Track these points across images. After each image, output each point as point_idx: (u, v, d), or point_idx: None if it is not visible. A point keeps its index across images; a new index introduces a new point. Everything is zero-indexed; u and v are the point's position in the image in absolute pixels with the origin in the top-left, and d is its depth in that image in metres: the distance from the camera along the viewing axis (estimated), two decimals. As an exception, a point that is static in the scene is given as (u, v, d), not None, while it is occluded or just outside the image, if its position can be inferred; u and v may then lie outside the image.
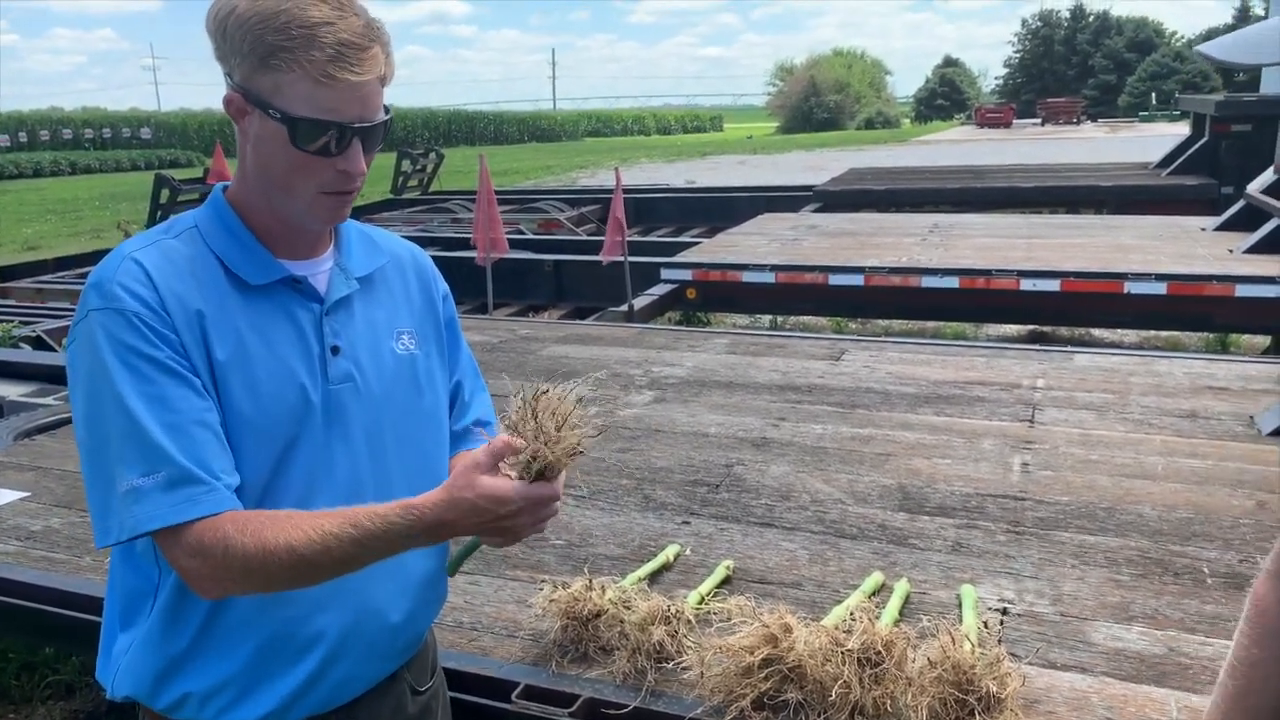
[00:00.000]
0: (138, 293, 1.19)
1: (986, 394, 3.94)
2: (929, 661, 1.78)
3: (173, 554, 1.18)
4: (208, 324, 1.23)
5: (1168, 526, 2.67)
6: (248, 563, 1.16)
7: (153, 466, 1.15)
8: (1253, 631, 1.15)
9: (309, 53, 1.16)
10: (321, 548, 1.16)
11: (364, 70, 1.19)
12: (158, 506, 1.15)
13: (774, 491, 2.99)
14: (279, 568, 1.16)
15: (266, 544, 1.16)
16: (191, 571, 1.18)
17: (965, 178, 14.53)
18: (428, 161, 16.94)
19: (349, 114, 1.20)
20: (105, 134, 47.61)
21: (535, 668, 2.02)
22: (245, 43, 1.17)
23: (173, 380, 1.18)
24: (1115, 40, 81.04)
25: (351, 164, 1.24)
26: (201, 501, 1.16)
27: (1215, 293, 6.54)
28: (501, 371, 4.43)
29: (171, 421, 1.16)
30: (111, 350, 1.18)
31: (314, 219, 1.29)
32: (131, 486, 1.15)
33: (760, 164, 34.24)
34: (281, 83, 1.17)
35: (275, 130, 1.20)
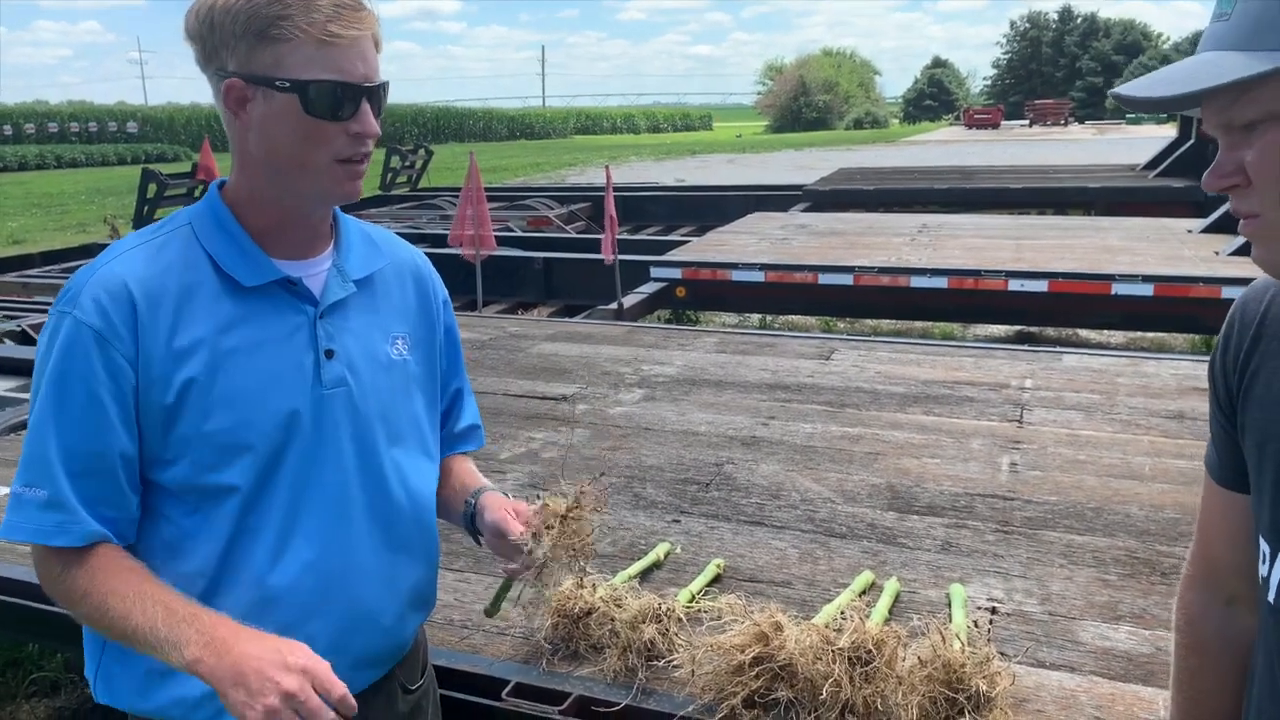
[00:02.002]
0: (105, 309, 1.19)
1: (975, 394, 3.96)
2: (919, 660, 1.79)
3: (32, 555, 1.24)
4: (187, 334, 1.21)
5: (1155, 527, 2.69)
6: (69, 594, 1.20)
7: (36, 481, 1.19)
8: (1186, 642, 1.16)
9: (309, 15, 1.17)
10: (124, 612, 1.17)
11: (363, 25, 1.21)
12: (29, 521, 1.19)
13: (764, 490, 3.00)
14: (86, 611, 1.20)
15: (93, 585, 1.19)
16: (38, 576, 1.24)
17: (954, 178, 14.60)
18: (416, 158, 16.90)
19: (355, 73, 1.21)
20: (91, 128, 47.36)
21: (526, 665, 2.02)
22: (239, 24, 1.17)
23: (92, 408, 1.19)
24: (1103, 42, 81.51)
25: (364, 125, 1.23)
26: (67, 531, 1.19)
27: (1202, 294, 6.58)
28: (492, 368, 4.43)
29: (68, 447, 1.18)
30: (54, 357, 1.19)
31: (329, 194, 1.27)
32: (16, 492, 1.19)
33: (749, 163, 34.28)
34: (283, 53, 1.18)
35: (284, 103, 1.19)
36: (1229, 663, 1.12)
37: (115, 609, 1.16)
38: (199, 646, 1.13)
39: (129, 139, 47.29)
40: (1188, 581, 1.16)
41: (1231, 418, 1.03)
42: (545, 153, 44.42)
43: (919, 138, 54.36)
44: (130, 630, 1.16)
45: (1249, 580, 1.06)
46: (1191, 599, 1.15)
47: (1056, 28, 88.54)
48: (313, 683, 1.10)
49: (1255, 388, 0.97)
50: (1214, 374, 1.06)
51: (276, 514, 1.27)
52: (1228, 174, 0.88)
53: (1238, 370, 1.00)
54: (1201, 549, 1.14)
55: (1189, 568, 1.16)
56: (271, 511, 1.27)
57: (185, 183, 11.79)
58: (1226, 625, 1.11)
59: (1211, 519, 1.12)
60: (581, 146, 52.24)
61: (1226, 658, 1.12)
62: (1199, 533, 1.14)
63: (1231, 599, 1.10)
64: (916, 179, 14.98)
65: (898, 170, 17.68)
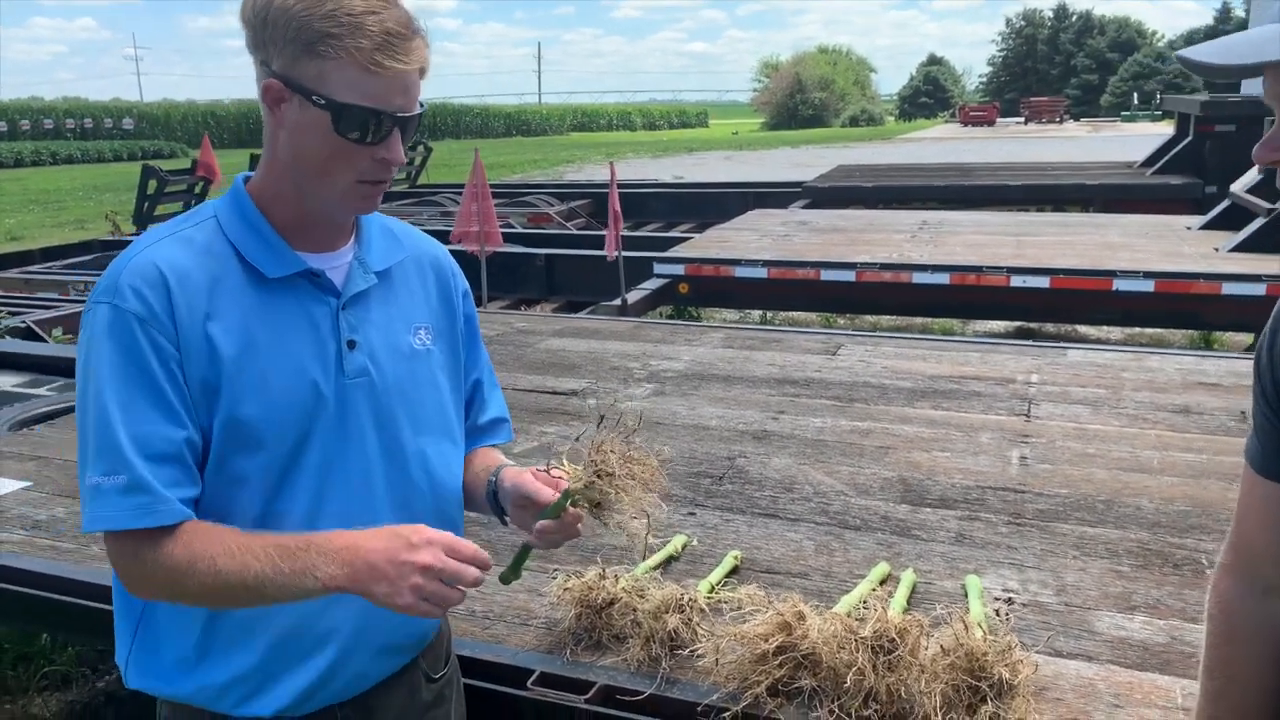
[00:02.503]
0: (144, 295, 1.20)
1: (982, 389, 3.98)
2: (942, 649, 1.81)
3: (110, 550, 1.22)
4: (217, 324, 1.23)
5: (1166, 519, 2.71)
6: (172, 572, 1.19)
7: (114, 469, 1.18)
8: (1220, 630, 1.17)
9: (357, 40, 1.17)
10: (241, 565, 1.17)
11: (409, 60, 1.21)
12: (114, 509, 1.18)
13: (777, 483, 3.02)
14: (198, 581, 1.18)
15: (195, 554, 1.18)
16: (121, 570, 1.23)
17: (953, 176, 14.63)
18: (415, 155, 16.89)
19: (392, 103, 1.21)
20: (87, 124, 47.22)
21: (550, 655, 2.04)
22: (290, 29, 1.18)
23: (152, 392, 1.19)
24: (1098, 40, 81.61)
25: (392, 153, 1.25)
26: (155, 512, 1.18)
27: (1202, 291, 6.62)
28: (500, 364, 4.44)
29: (138, 432, 1.18)
30: (103, 347, 1.20)
31: (346, 208, 1.30)
32: (94, 484, 1.18)
33: (747, 160, 34.30)
34: (326, 69, 1.18)
35: (317, 117, 1.21)
36: (1263, 651, 1.13)
37: (229, 568, 1.17)
38: (327, 565, 1.16)
39: (124, 135, 47.16)
40: (1223, 570, 1.17)
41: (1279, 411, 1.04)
42: (543, 149, 44.39)
43: (915, 135, 54.40)
44: (253, 581, 1.16)
45: None
46: (1227, 588, 1.16)
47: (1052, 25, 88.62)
48: (444, 549, 1.17)
49: None
50: (1260, 368, 1.07)
51: (302, 500, 1.29)
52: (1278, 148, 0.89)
53: None
54: (1239, 538, 1.16)
55: (1225, 556, 1.17)
56: (297, 498, 1.29)
57: (185, 179, 11.80)
58: (1262, 615, 1.13)
59: (1252, 509, 1.13)
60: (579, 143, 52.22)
61: (1260, 646, 1.14)
62: (1237, 523, 1.16)
63: (1269, 589, 1.12)
64: (915, 176, 15.01)
65: (896, 167, 17.70)
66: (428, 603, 1.16)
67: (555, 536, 1.37)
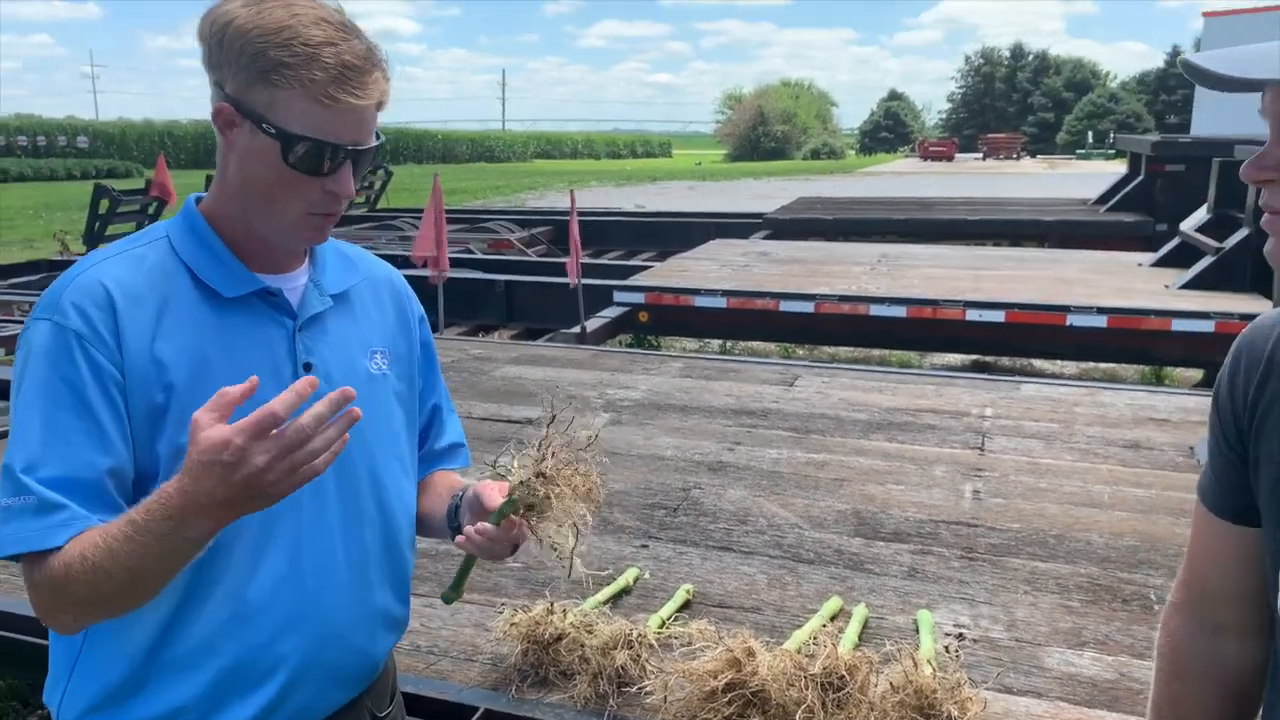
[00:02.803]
0: (88, 313, 1.16)
1: (937, 421, 4.00)
2: (891, 686, 1.79)
3: (26, 581, 1.14)
4: (166, 346, 1.19)
5: (1115, 554, 2.73)
6: (53, 583, 1.11)
7: (20, 490, 1.12)
8: (1169, 668, 1.17)
9: (311, 72, 1.14)
10: (104, 547, 1.10)
11: (365, 94, 1.18)
12: (22, 529, 1.11)
13: (731, 515, 3.00)
14: (81, 583, 1.10)
15: (68, 559, 1.11)
16: (30, 597, 1.14)
17: (912, 209, 14.83)
18: (375, 178, 16.81)
19: (344, 136, 1.18)
20: (40, 142, 46.47)
21: (495, 693, 1.99)
22: (245, 55, 1.15)
23: (83, 415, 1.15)
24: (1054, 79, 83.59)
25: (341, 186, 1.22)
26: (72, 525, 1.12)
27: (1153, 327, 6.73)
28: (455, 391, 4.39)
29: (59, 454, 1.13)
30: (39, 365, 1.15)
31: (294, 239, 1.27)
32: (4, 505, 1.12)
33: (709, 190, 34.56)
34: (278, 99, 1.15)
35: (266, 145, 1.18)
36: (1212, 690, 1.13)
37: (96, 558, 1.09)
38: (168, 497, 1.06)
39: (79, 154, 46.45)
40: (1173, 608, 1.17)
41: (1239, 451, 1.04)
42: (505, 176, 44.42)
43: (875, 169, 55.20)
44: (122, 557, 1.08)
45: (1238, 609, 1.07)
46: (1177, 625, 1.15)
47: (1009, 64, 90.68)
48: None
49: (1268, 424, 0.99)
50: (1219, 408, 1.07)
51: (252, 528, 1.24)
52: (1268, 168, 0.89)
53: (1248, 407, 1.01)
54: (1190, 576, 1.15)
55: (1175, 594, 1.17)
56: (247, 525, 1.24)
57: (139, 199, 11.62)
58: (1211, 653, 1.12)
59: (1203, 547, 1.13)
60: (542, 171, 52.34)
61: (1210, 685, 1.13)
62: (1188, 560, 1.15)
63: (1218, 627, 1.11)
64: (875, 209, 15.20)
65: (856, 200, 17.93)
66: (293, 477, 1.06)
67: (495, 544, 1.30)
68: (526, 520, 1.26)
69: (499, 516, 1.28)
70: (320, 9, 1.18)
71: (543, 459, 1.23)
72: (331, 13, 1.18)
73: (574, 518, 1.24)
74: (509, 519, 1.27)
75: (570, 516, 1.24)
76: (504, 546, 1.31)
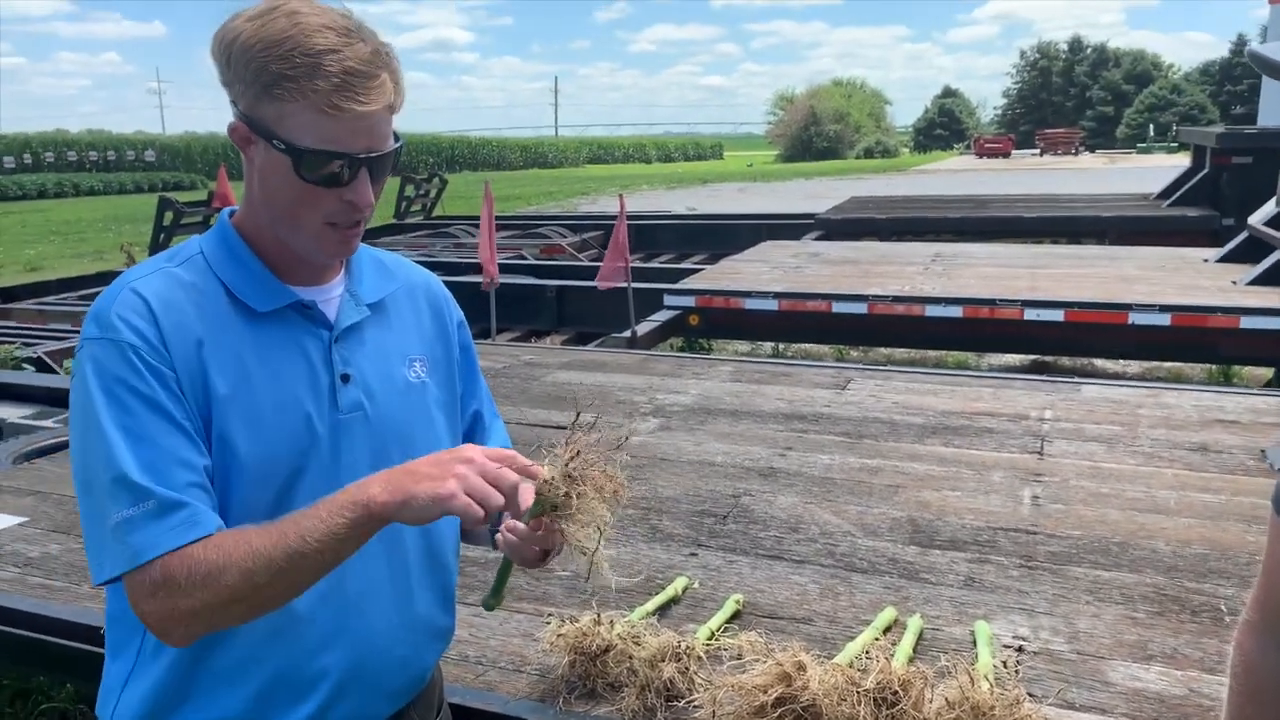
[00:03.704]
0: (135, 325, 1.16)
1: (994, 425, 3.91)
2: (946, 702, 1.74)
3: (137, 590, 1.11)
4: (209, 356, 1.19)
5: (1183, 563, 2.63)
6: (208, 576, 1.10)
7: (139, 498, 1.11)
8: (1243, 689, 1.11)
9: (313, 82, 1.12)
10: (277, 534, 1.11)
11: (370, 100, 1.15)
12: (154, 533, 1.10)
13: (782, 523, 2.95)
14: (238, 569, 1.10)
15: (226, 548, 1.11)
16: (152, 607, 1.12)
17: (967, 207, 14.58)
18: (431, 187, 17.01)
19: (356, 145, 1.17)
20: (109, 156, 47.84)
21: (542, 704, 1.98)
22: (249, 71, 1.14)
23: (159, 417, 1.15)
24: (1113, 72, 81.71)
25: (359, 195, 1.20)
26: (197, 522, 1.12)
27: (1220, 324, 6.52)
28: (506, 397, 4.40)
29: (153, 459, 1.13)
30: (100, 383, 1.15)
31: (320, 252, 1.26)
32: (124, 518, 1.11)
33: (760, 192, 34.37)
34: (285, 113, 1.14)
35: (280, 161, 1.17)
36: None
37: (262, 544, 1.10)
38: (365, 489, 1.12)
39: (146, 167, 47.72)
40: (1247, 627, 1.11)
41: None
42: (558, 182, 44.64)
43: (930, 167, 54.44)
44: (295, 542, 1.09)
45: None
46: (1251, 645, 1.10)
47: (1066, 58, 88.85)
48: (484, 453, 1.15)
49: None
50: None
51: None
52: None
53: None
54: (1266, 593, 1.09)
55: (1250, 612, 1.11)
56: None
57: (201, 210, 11.87)
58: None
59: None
60: (593, 176, 52.50)
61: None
62: (1264, 576, 1.09)
63: None
64: (929, 208, 14.97)
65: (909, 199, 17.68)
66: (469, 496, 1.11)
67: (524, 545, 1.27)
68: (554, 521, 1.24)
69: (529, 516, 1.26)
70: (324, 15, 1.16)
71: (570, 460, 1.21)
72: (336, 17, 1.16)
73: (597, 519, 1.21)
74: (536, 519, 1.26)
75: (594, 518, 1.21)
76: (533, 549, 1.28)
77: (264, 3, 1.17)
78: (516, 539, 1.27)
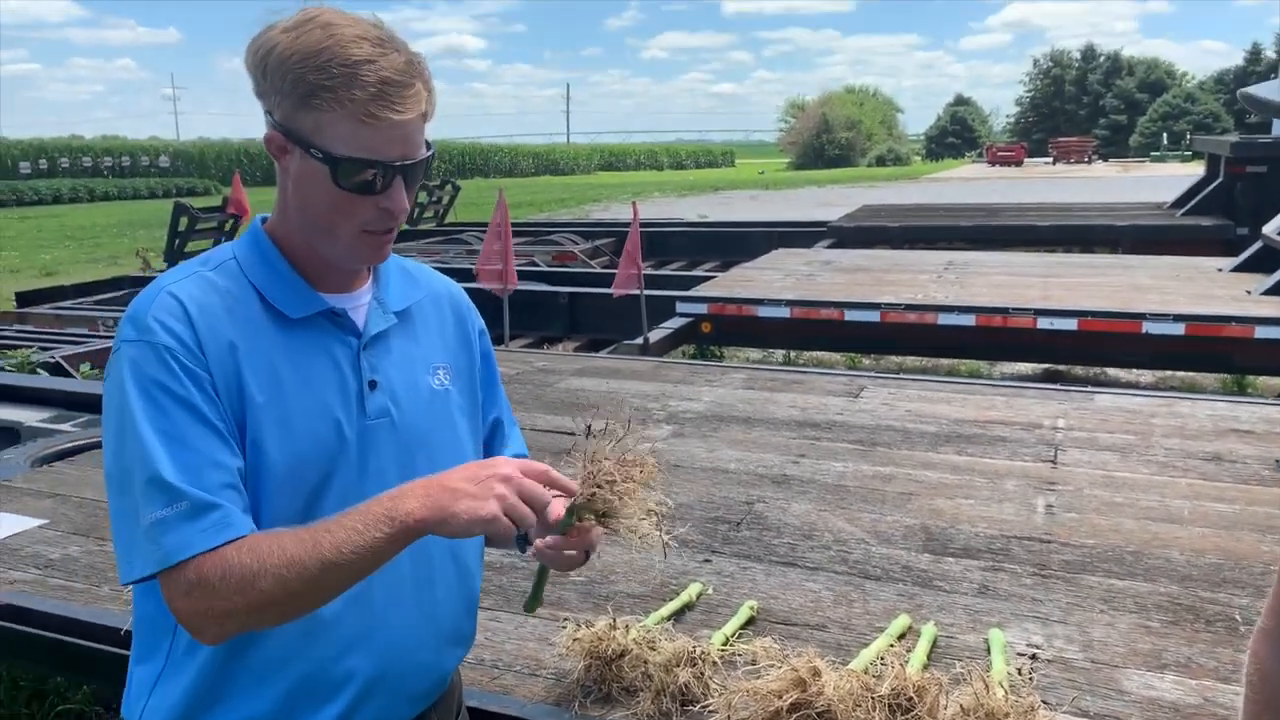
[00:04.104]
0: (172, 327, 1.18)
1: (1008, 433, 3.91)
2: (961, 709, 1.75)
3: (175, 590, 1.13)
4: (242, 360, 1.21)
5: (1197, 572, 2.63)
6: (242, 580, 1.11)
7: (173, 499, 1.13)
8: (1259, 698, 1.11)
9: (350, 92, 1.15)
10: (312, 541, 1.12)
11: (406, 109, 1.18)
12: (187, 535, 1.12)
13: (796, 530, 2.96)
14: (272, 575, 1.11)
15: (260, 552, 1.12)
16: (188, 606, 1.13)
17: (980, 216, 14.56)
18: (444, 193, 17.09)
19: (392, 153, 1.19)
20: (124, 162, 48.19)
21: (558, 708, 1.99)
22: (286, 81, 1.17)
23: (194, 419, 1.16)
24: (1126, 81, 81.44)
25: (394, 202, 1.23)
26: (229, 524, 1.14)
27: (1234, 334, 6.50)
28: (520, 403, 4.42)
29: (188, 461, 1.14)
30: (136, 384, 1.17)
31: (355, 258, 1.29)
32: (157, 519, 1.13)
33: (772, 199, 34.38)
34: (323, 122, 1.17)
35: (316, 169, 1.19)
36: None
37: (299, 550, 1.11)
38: (404, 502, 1.13)
39: (160, 173, 48.06)
40: (1262, 635, 1.11)
41: None
42: (570, 189, 44.74)
43: (942, 175, 54.37)
44: (330, 551, 1.11)
45: None
46: (1267, 654, 1.10)
47: (1079, 66, 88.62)
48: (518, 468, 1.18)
49: None
50: None
51: None
52: None
53: None
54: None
55: (1265, 620, 1.11)
56: None
57: (216, 216, 11.96)
58: None
59: None
60: (605, 183, 52.58)
61: None
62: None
63: None
64: (941, 216, 14.96)
65: (922, 207, 17.66)
66: (509, 516, 1.13)
67: (566, 554, 1.32)
68: (605, 524, 1.28)
69: (564, 527, 1.29)
70: (358, 25, 1.18)
71: (595, 472, 1.24)
72: (369, 28, 1.19)
73: (650, 505, 1.26)
74: (575, 527, 1.29)
75: (644, 506, 1.26)
76: (576, 555, 1.33)
77: (298, 14, 1.19)
78: (556, 551, 1.31)
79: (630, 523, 1.26)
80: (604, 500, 1.25)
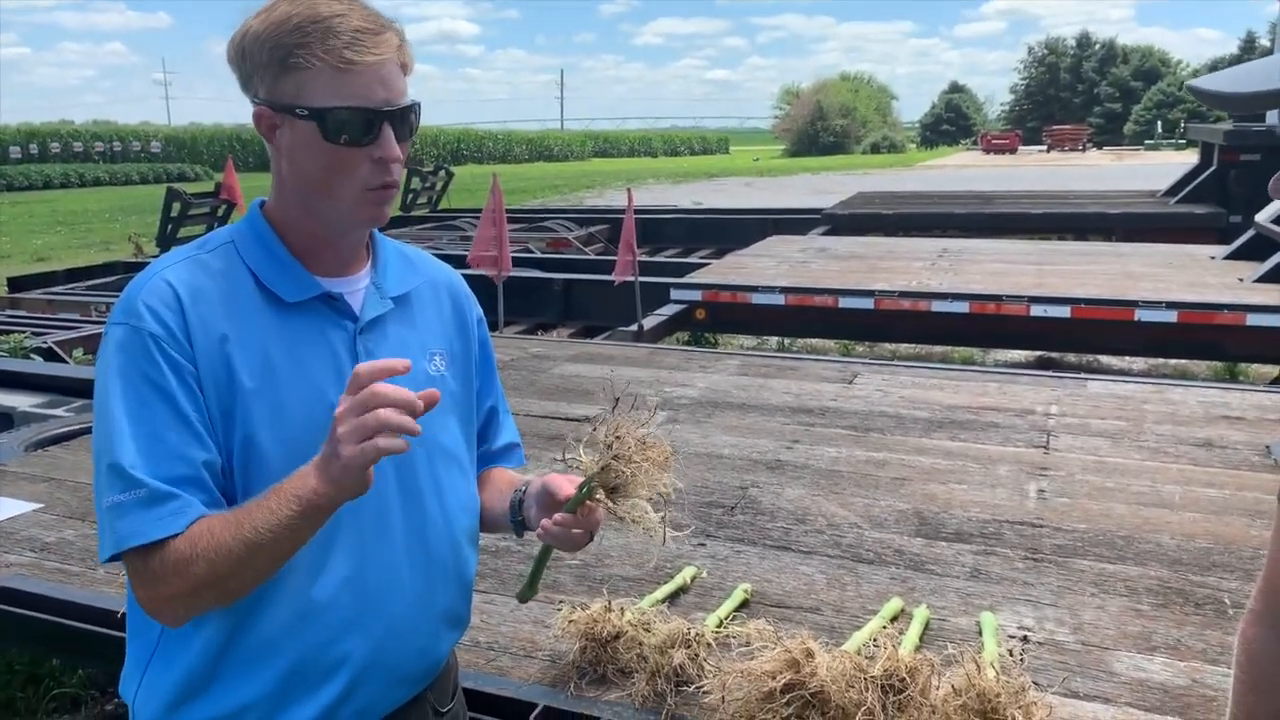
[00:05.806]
0: (160, 314, 1.19)
1: (1000, 420, 3.93)
2: (953, 689, 1.76)
3: (130, 570, 1.17)
4: (234, 347, 1.22)
5: (1187, 556, 2.65)
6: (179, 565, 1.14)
7: (130, 486, 1.15)
8: (1247, 679, 1.13)
9: (326, 43, 1.18)
10: (234, 525, 1.14)
11: (381, 50, 1.21)
12: (139, 522, 1.15)
13: (790, 514, 2.98)
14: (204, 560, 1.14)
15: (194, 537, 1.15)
16: (139, 589, 1.18)
17: (974, 203, 14.57)
18: (437, 179, 17.05)
19: (374, 97, 1.21)
20: (115, 147, 47.86)
21: (554, 689, 2.01)
22: (264, 53, 1.20)
23: (169, 410, 1.18)
24: (1121, 69, 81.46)
25: (386, 150, 1.23)
26: (185, 515, 1.15)
27: (1226, 321, 6.54)
28: (514, 389, 4.43)
29: (153, 451, 1.16)
30: (118, 369, 1.18)
31: (356, 220, 1.28)
32: (115, 502, 1.16)
33: (767, 186, 34.34)
34: (303, 80, 1.19)
35: (306, 130, 1.21)
36: None
37: (224, 535, 1.14)
38: (306, 479, 1.13)
39: (152, 158, 47.74)
40: (1252, 617, 1.13)
41: None
42: (564, 175, 44.64)
43: (936, 162, 54.33)
44: (250, 533, 1.13)
45: None
46: (1255, 635, 1.12)
47: (1074, 54, 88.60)
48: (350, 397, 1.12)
49: None
50: None
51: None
52: None
53: None
54: (1269, 584, 1.11)
55: (1255, 602, 1.13)
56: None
57: (209, 202, 11.92)
58: None
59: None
60: (599, 170, 52.45)
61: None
62: (1269, 567, 1.11)
63: None
64: (936, 203, 14.97)
65: (916, 195, 17.68)
66: (366, 437, 1.09)
67: (573, 532, 1.33)
68: (610, 500, 1.30)
69: (575, 504, 1.30)
70: None
71: (613, 443, 1.25)
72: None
73: (660, 487, 1.28)
74: (585, 504, 1.30)
75: (654, 488, 1.28)
76: (583, 534, 1.34)
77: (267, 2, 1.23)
78: (564, 529, 1.32)
79: (636, 502, 1.27)
80: (617, 473, 1.26)
